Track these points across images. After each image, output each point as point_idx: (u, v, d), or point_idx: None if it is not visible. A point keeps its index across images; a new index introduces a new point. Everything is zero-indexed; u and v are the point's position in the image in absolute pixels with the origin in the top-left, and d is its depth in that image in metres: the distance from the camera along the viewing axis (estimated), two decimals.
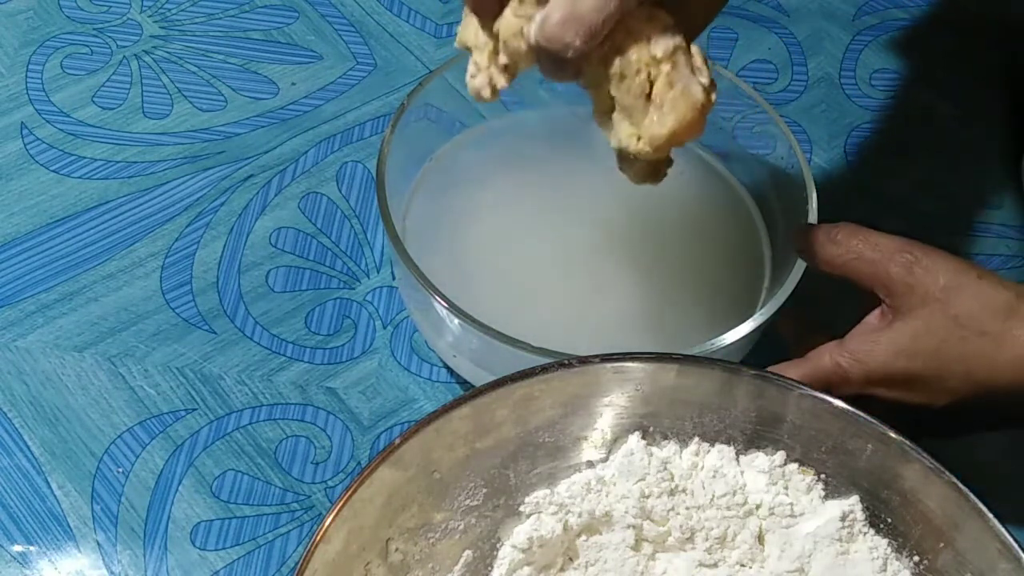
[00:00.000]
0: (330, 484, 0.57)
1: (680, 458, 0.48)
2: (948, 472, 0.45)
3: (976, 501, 0.44)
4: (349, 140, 0.69)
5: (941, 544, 0.46)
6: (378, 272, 0.64)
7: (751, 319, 0.53)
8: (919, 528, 0.46)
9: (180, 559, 0.54)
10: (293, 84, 0.72)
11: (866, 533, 0.47)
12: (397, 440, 0.45)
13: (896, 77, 0.76)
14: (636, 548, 0.47)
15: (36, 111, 0.69)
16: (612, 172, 0.49)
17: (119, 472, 0.56)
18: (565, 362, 0.47)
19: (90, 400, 0.58)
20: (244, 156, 0.68)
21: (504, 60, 0.45)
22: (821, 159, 0.71)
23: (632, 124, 0.45)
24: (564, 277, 0.58)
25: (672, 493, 0.47)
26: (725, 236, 0.61)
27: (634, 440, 0.48)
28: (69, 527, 0.55)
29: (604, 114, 0.46)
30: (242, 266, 0.64)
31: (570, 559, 0.48)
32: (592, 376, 0.47)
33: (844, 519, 0.47)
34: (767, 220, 0.61)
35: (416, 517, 0.46)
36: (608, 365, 0.47)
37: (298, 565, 0.42)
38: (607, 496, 0.47)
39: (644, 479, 0.47)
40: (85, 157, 0.67)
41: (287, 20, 0.75)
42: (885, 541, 0.47)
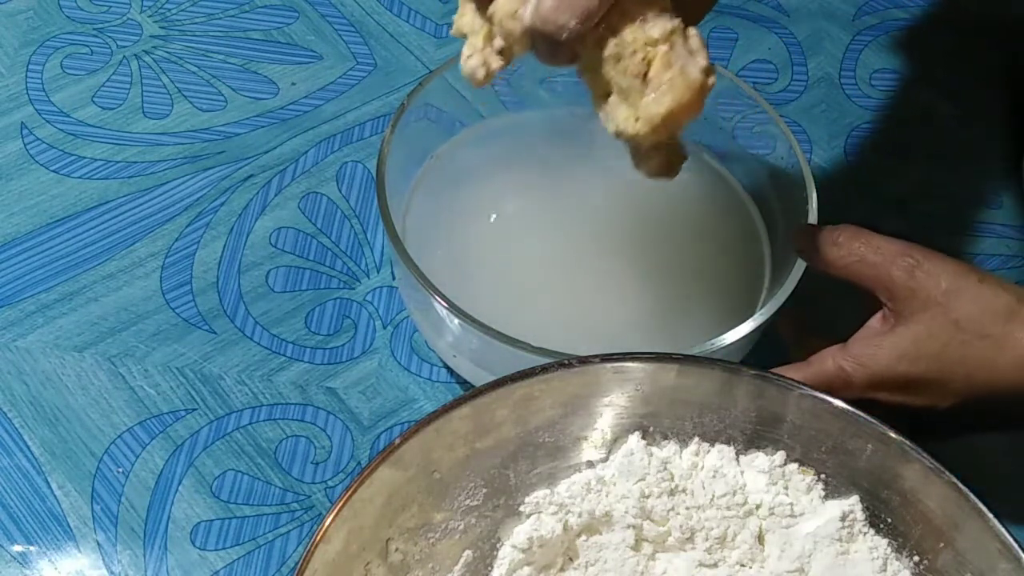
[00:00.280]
0: (330, 484, 0.57)
1: (680, 458, 0.48)
2: (948, 472, 0.45)
3: (976, 501, 0.44)
4: (349, 140, 0.69)
5: (941, 544, 0.46)
6: (378, 272, 0.64)
7: (751, 319, 0.53)
8: (919, 528, 0.46)
9: (180, 559, 0.54)
10: (293, 84, 0.72)
11: (866, 533, 0.47)
12: (397, 440, 0.45)
13: (896, 77, 0.76)
14: (636, 548, 0.47)
15: (36, 111, 0.69)
16: (612, 172, 0.49)
17: (119, 472, 0.56)
18: (565, 362, 0.47)
19: (90, 400, 0.58)
20: (244, 156, 0.68)
21: (499, 43, 0.45)
22: (821, 159, 0.71)
23: (629, 106, 0.44)
24: (564, 277, 0.58)
25: (672, 493, 0.47)
26: (725, 236, 0.61)
27: (634, 440, 0.48)
28: (69, 527, 0.55)
29: (601, 99, 0.45)
30: (242, 266, 0.64)
31: (570, 559, 0.48)
32: (592, 376, 0.47)
33: (844, 519, 0.47)
34: (767, 220, 0.61)
35: (416, 517, 0.46)
36: (608, 365, 0.47)
37: (298, 565, 0.42)
38: (607, 496, 0.47)
39: (644, 479, 0.47)
40: (85, 157, 0.67)
41: (287, 20, 0.75)
42: (885, 541, 0.47)
